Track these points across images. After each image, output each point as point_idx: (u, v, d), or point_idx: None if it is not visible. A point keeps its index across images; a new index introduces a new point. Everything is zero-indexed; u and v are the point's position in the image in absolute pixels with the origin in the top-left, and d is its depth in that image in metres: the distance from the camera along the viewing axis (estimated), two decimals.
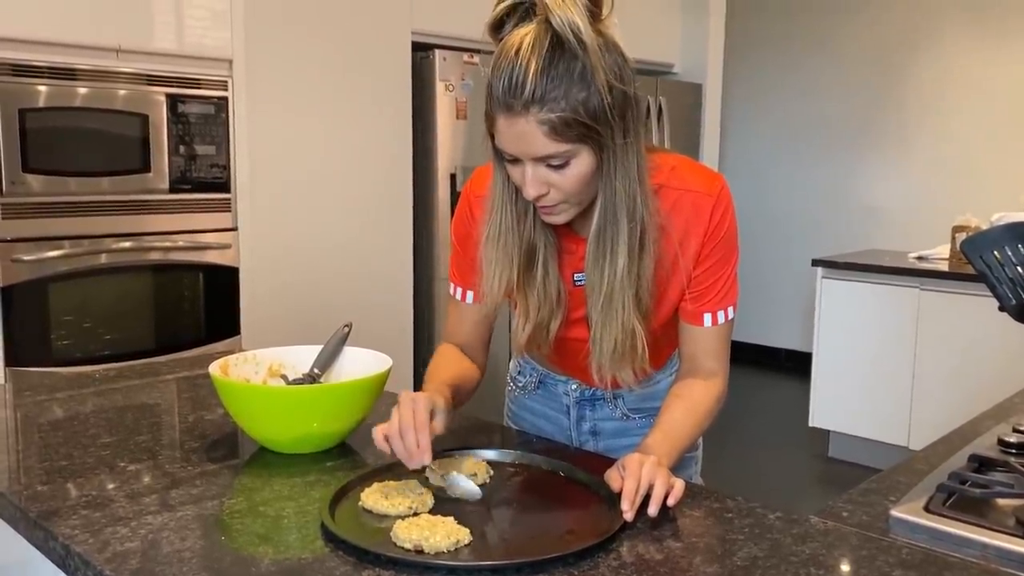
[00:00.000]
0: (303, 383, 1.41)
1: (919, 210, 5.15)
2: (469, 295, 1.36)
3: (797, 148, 5.69)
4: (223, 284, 3.02)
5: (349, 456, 1.28)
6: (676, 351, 1.36)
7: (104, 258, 2.73)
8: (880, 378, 3.89)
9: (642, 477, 1.03)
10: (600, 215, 1.15)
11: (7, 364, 2.56)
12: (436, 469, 1.13)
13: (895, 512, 1.10)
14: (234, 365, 1.40)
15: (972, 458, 1.27)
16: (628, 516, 1.01)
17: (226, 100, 2.95)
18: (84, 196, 2.66)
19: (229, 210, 3.01)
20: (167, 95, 2.80)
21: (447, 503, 1.09)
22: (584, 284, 1.25)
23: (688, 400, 1.26)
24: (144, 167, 2.78)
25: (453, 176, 3.59)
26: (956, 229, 3.80)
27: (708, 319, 1.27)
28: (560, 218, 1.18)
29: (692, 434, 1.24)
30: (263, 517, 1.05)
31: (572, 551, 0.94)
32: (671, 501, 1.04)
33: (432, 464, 1.11)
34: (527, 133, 1.07)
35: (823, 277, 4.04)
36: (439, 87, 3.50)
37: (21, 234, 2.55)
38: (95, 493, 1.11)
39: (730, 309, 1.28)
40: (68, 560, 0.96)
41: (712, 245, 1.23)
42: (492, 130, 1.12)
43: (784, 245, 5.73)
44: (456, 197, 3.52)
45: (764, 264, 5.76)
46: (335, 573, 0.91)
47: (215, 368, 1.33)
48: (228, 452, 1.30)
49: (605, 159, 1.11)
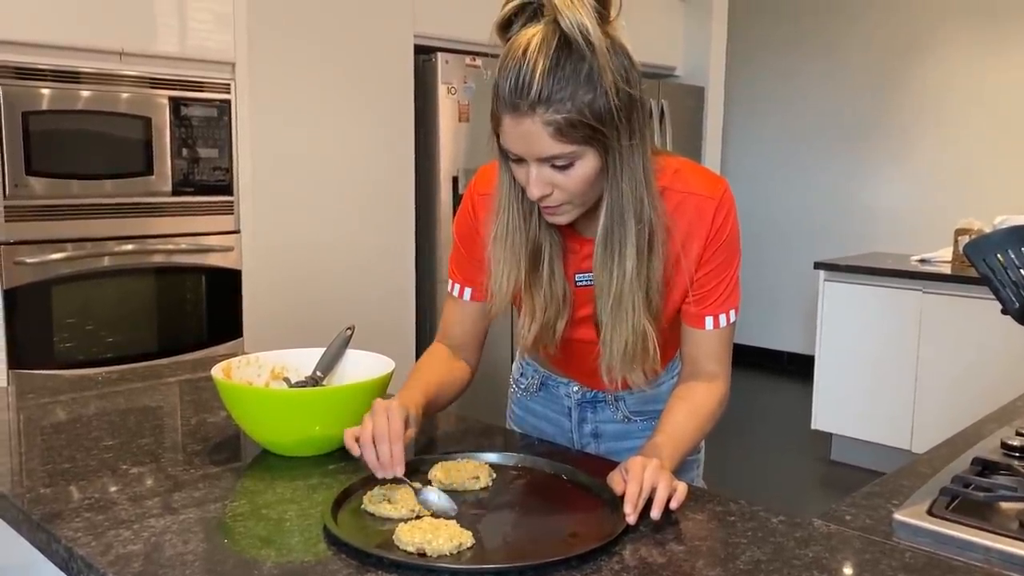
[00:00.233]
0: (306, 386, 1.41)
1: (922, 213, 5.15)
2: (468, 292, 1.36)
3: (799, 151, 5.69)
4: (226, 287, 3.02)
5: (352, 459, 1.27)
6: (678, 353, 1.36)
7: (107, 261, 2.73)
8: (883, 381, 3.88)
9: (645, 480, 1.03)
10: (607, 216, 1.15)
11: (10, 366, 2.56)
12: (409, 483, 1.09)
13: (898, 516, 1.10)
14: (236, 368, 1.40)
15: (975, 461, 1.27)
16: (631, 519, 1.00)
17: (229, 103, 2.96)
18: (87, 199, 2.67)
19: (232, 213, 3.01)
20: (170, 98, 2.81)
21: None
22: (587, 284, 1.25)
23: (690, 403, 1.26)
24: (147, 170, 2.79)
25: (455, 179, 3.59)
26: (959, 232, 3.80)
27: (710, 322, 1.27)
28: (563, 219, 1.18)
29: (695, 437, 1.24)
30: (265, 520, 1.05)
31: (575, 554, 0.94)
32: (674, 504, 1.04)
33: (404, 479, 1.09)
34: (532, 133, 1.07)
35: (825, 280, 4.03)
36: (441, 90, 3.50)
37: (24, 237, 2.56)
38: (98, 496, 1.11)
39: (732, 312, 1.28)
40: (71, 563, 0.96)
41: (714, 248, 1.23)
42: (497, 130, 1.12)
43: (786, 248, 5.72)
44: (458, 200, 3.52)
45: (766, 267, 5.75)
46: None
47: (218, 371, 1.33)
48: (231, 455, 1.30)
49: (611, 161, 1.11)
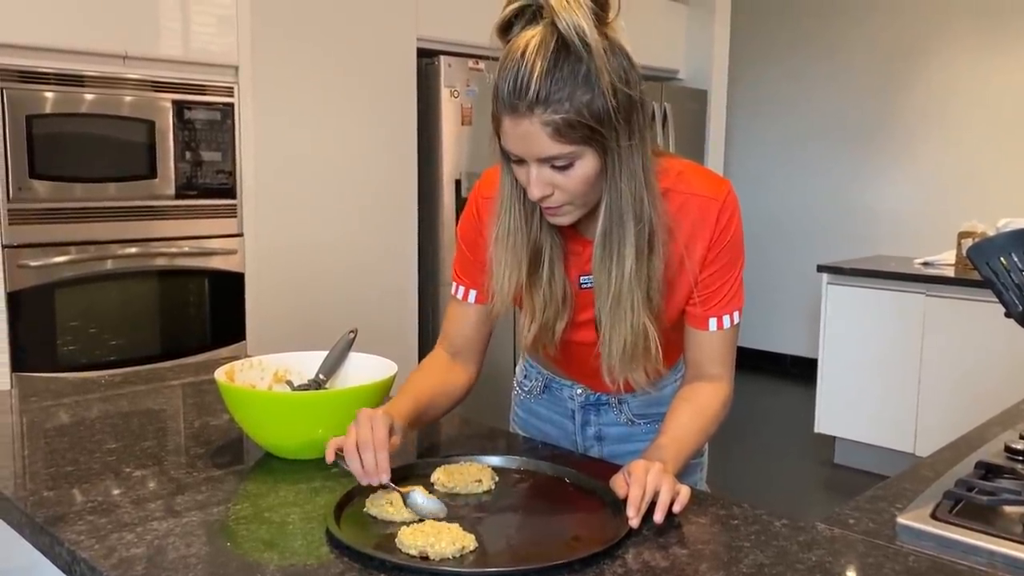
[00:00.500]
0: (308, 389, 1.41)
1: (925, 216, 5.15)
2: (472, 294, 1.36)
3: (802, 154, 5.69)
4: (229, 290, 3.02)
5: None
6: (682, 356, 1.36)
7: (110, 264, 2.74)
8: (886, 384, 3.88)
9: (648, 484, 1.03)
10: (605, 217, 1.16)
11: (13, 369, 2.56)
12: (396, 488, 1.09)
13: (902, 519, 1.10)
14: (239, 371, 1.40)
15: (979, 465, 1.27)
16: (634, 523, 1.00)
17: (232, 106, 2.96)
18: (90, 202, 2.67)
19: (235, 216, 3.02)
20: (173, 101, 2.81)
21: (453, 510, 1.09)
22: (591, 287, 1.25)
23: (694, 405, 1.26)
24: (150, 173, 2.79)
25: (458, 182, 3.59)
26: (962, 235, 3.80)
27: (713, 323, 1.27)
28: (564, 219, 1.18)
29: (698, 440, 1.24)
30: (268, 523, 1.05)
31: (577, 558, 0.94)
32: (677, 508, 1.04)
33: (391, 485, 1.08)
34: (531, 134, 1.08)
35: (828, 283, 4.03)
36: (444, 93, 3.50)
37: (28, 240, 2.56)
38: (101, 499, 1.11)
39: (736, 314, 1.28)
40: (74, 566, 0.96)
41: (718, 250, 1.23)
42: (498, 131, 1.13)
43: (789, 251, 5.72)
44: (460, 203, 3.53)
45: (769, 270, 5.75)
46: None
47: (220, 374, 1.33)
48: (233, 458, 1.30)
49: (610, 161, 1.12)
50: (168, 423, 1.48)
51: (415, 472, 1.19)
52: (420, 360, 1.42)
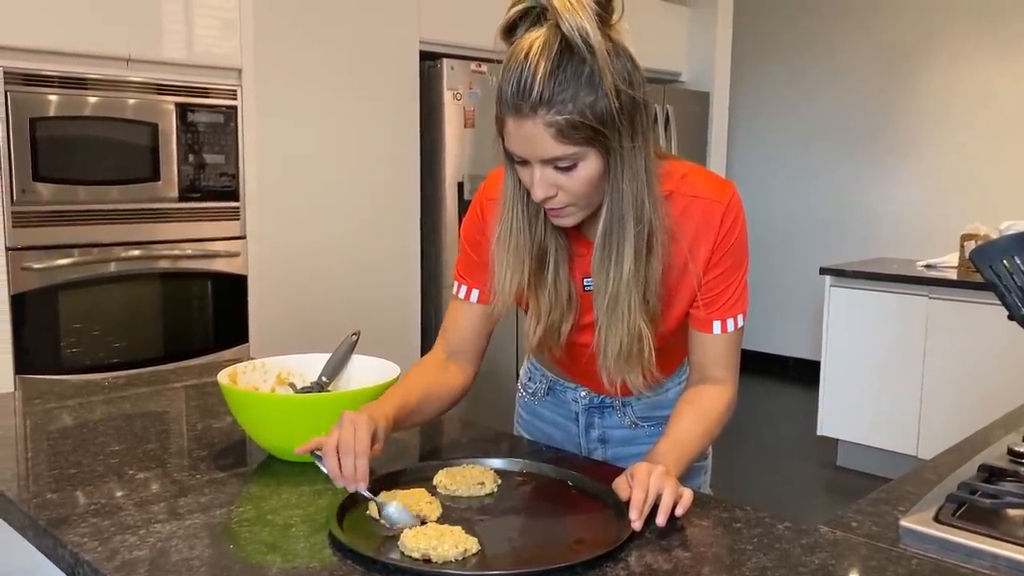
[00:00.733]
0: (311, 391, 1.41)
1: (928, 218, 5.14)
2: (474, 294, 1.36)
3: (805, 156, 5.69)
4: (231, 292, 3.02)
5: None
6: (686, 359, 1.36)
7: (113, 266, 2.74)
8: (889, 387, 3.87)
9: (650, 486, 1.03)
10: (607, 218, 1.16)
11: (17, 371, 2.57)
12: (372, 498, 1.08)
13: (905, 522, 1.10)
14: (242, 373, 1.40)
15: (982, 468, 1.27)
16: (636, 526, 1.00)
17: (235, 109, 2.97)
18: (94, 205, 2.68)
19: (238, 218, 3.02)
20: (176, 104, 2.82)
21: (455, 512, 1.09)
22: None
23: (698, 408, 1.26)
24: (153, 176, 2.80)
25: (460, 184, 3.60)
26: (965, 237, 3.79)
27: (718, 326, 1.27)
28: (568, 221, 1.18)
29: (701, 442, 1.24)
30: (271, 526, 1.05)
31: (580, 560, 0.94)
32: (679, 511, 1.04)
33: (367, 493, 1.07)
34: (535, 135, 1.08)
35: (831, 285, 4.03)
36: (447, 96, 3.51)
37: (31, 242, 2.57)
38: (104, 501, 1.11)
39: (740, 317, 1.28)
40: (77, 568, 0.97)
41: (722, 252, 1.23)
42: (502, 132, 1.13)
43: (792, 253, 5.71)
44: (463, 206, 3.53)
45: (772, 272, 5.74)
46: None
47: (223, 376, 1.33)
48: (236, 460, 1.30)
49: (612, 162, 1.12)
50: (171, 425, 1.48)
51: (417, 475, 1.19)
52: None
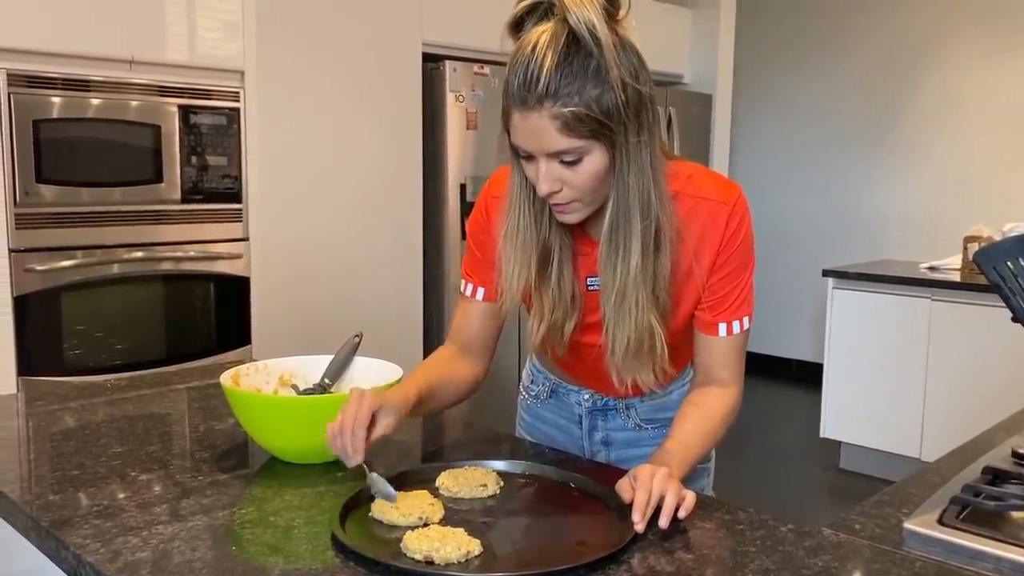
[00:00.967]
0: (313, 393, 1.41)
1: (931, 220, 5.14)
2: (480, 291, 1.37)
3: (807, 158, 5.68)
4: (234, 294, 3.03)
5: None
6: (691, 361, 1.36)
7: (116, 268, 2.74)
8: (892, 389, 3.87)
9: (653, 488, 1.03)
10: (612, 212, 1.15)
11: (20, 373, 2.57)
12: (366, 469, 1.12)
13: (908, 525, 1.09)
14: (245, 375, 1.40)
15: (986, 470, 1.26)
16: (639, 528, 1.00)
17: (238, 111, 2.97)
18: (97, 206, 2.68)
19: (240, 220, 3.02)
20: (179, 106, 2.82)
21: (458, 514, 1.09)
22: (598, 288, 1.24)
23: (702, 410, 1.25)
24: (156, 178, 2.80)
25: (463, 186, 3.60)
26: (968, 239, 3.79)
27: (723, 329, 1.26)
28: (573, 217, 1.18)
29: (705, 444, 1.24)
30: (273, 527, 1.05)
31: (583, 563, 0.94)
32: (682, 513, 1.03)
33: (363, 466, 1.11)
34: (540, 128, 1.08)
35: (834, 287, 4.02)
36: (449, 98, 3.51)
37: (34, 244, 2.57)
38: (106, 503, 1.11)
39: (745, 319, 1.27)
40: (79, 569, 0.97)
41: (727, 254, 1.23)
42: (508, 126, 1.13)
43: (795, 255, 5.71)
44: (466, 207, 3.53)
45: (775, 274, 5.74)
46: None
47: (226, 378, 1.33)
48: (238, 462, 1.30)
49: (618, 157, 1.12)
50: (173, 427, 1.48)
51: (420, 477, 1.19)
52: None
